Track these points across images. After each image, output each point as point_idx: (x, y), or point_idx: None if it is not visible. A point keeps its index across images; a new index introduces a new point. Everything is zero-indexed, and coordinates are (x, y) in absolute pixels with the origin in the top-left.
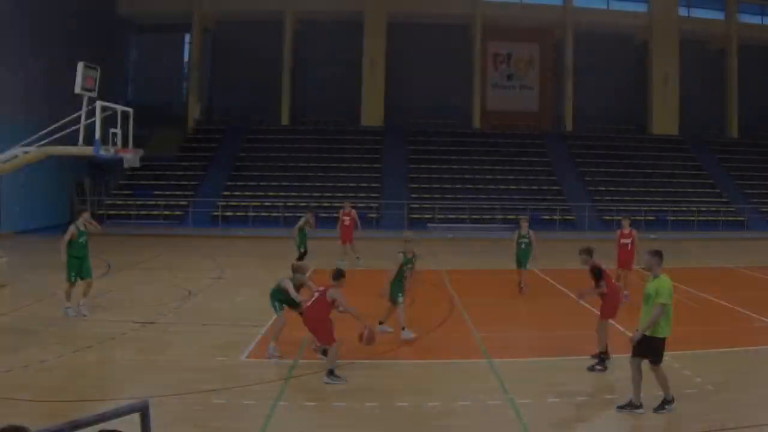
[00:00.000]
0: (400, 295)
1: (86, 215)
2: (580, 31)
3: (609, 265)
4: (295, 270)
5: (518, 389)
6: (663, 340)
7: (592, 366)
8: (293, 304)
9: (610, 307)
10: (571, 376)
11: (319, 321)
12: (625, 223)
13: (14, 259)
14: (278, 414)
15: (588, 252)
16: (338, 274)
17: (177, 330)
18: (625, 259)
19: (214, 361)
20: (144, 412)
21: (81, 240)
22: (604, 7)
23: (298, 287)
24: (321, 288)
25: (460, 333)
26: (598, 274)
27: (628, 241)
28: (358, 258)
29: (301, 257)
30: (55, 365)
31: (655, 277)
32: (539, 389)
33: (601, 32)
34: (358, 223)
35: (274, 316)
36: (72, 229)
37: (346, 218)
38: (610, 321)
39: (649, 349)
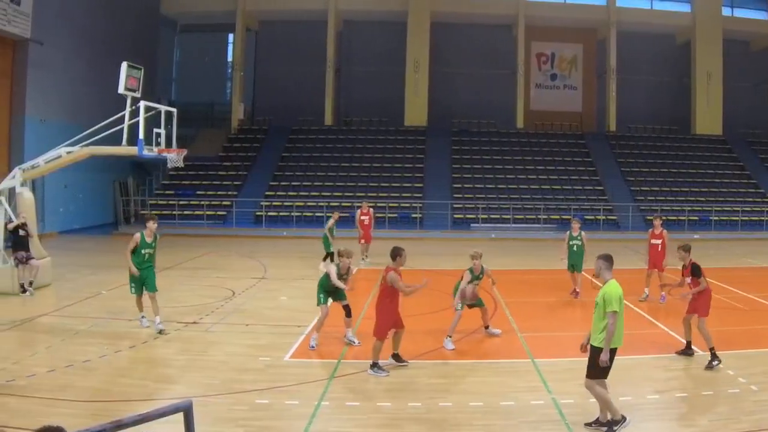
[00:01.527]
0: (460, 303)
1: (152, 225)
2: (623, 30)
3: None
4: (342, 255)
5: (561, 389)
6: (614, 350)
7: (710, 363)
8: (337, 296)
9: (706, 304)
10: (614, 376)
11: (379, 311)
12: (657, 223)
13: (57, 259)
14: (321, 414)
15: (686, 249)
16: (395, 253)
17: (220, 330)
18: (655, 260)
19: (258, 361)
20: (187, 411)
21: (144, 251)
22: (647, 6)
23: (343, 271)
24: (384, 275)
25: (504, 332)
26: (697, 271)
27: (659, 242)
28: (363, 259)
29: (329, 258)
30: (98, 365)
31: (605, 282)
32: (582, 389)
33: (644, 32)
34: (372, 223)
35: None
36: (136, 237)
37: (365, 218)
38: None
39: (592, 359)
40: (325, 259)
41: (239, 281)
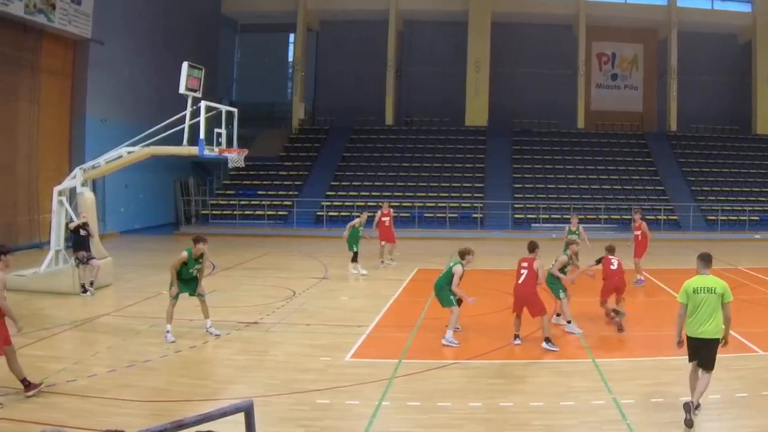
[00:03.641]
0: (561, 291)
1: (202, 246)
2: (683, 30)
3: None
4: (463, 253)
5: (622, 389)
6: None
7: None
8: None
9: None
10: (675, 376)
11: (532, 294)
12: (636, 216)
13: (118, 259)
14: (382, 414)
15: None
16: (533, 246)
17: (281, 330)
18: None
19: (318, 361)
20: (248, 411)
21: (191, 269)
22: (708, 6)
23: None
24: (525, 264)
25: (564, 332)
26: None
27: (638, 233)
28: (382, 262)
29: (354, 258)
30: (158, 365)
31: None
32: (643, 389)
33: (705, 32)
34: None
35: (451, 308)
36: (184, 256)
37: (386, 219)
38: None
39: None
40: (353, 260)
41: (300, 281)
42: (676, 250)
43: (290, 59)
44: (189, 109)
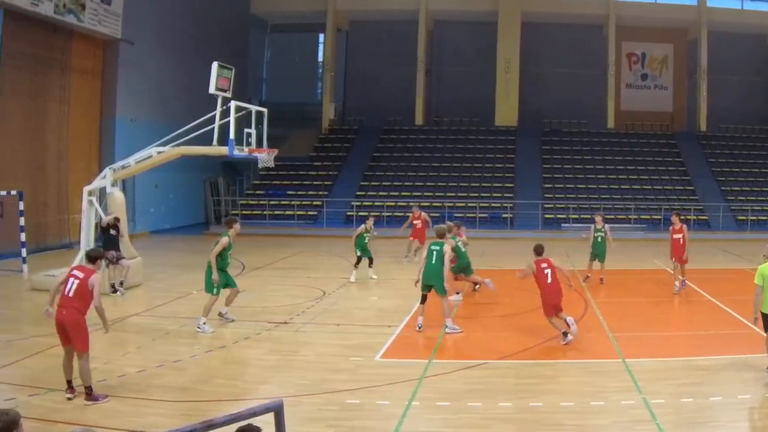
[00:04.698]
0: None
1: (238, 226)
2: (713, 30)
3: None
4: (444, 232)
5: (652, 389)
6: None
7: None
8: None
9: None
10: (705, 376)
11: (560, 290)
12: (675, 219)
13: (148, 259)
14: (412, 414)
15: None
16: (539, 249)
17: (311, 330)
18: (678, 253)
19: (348, 361)
20: (278, 411)
21: (229, 254)
22: (738, 6)
23: None
24: (544, 264)
25: (594, 333)
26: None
27: (680, 236)
28: (406, 256)
29: (358, 262)
30: (188, 365)
31: None
32: (673, 389)
33: (735, 32)
34: (430, 224)
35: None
36: (224, 240)
37: (417, 222)
38: None
39: None
40: (370, 265)
41: (330, 281)
42: (706, 250)
43: (320, 59)
44: (219, 109)
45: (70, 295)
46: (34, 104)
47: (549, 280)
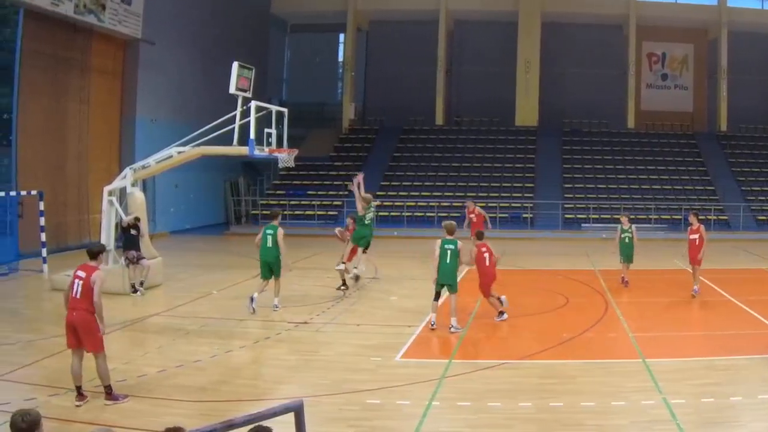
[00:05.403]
0: None
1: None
2: (734, 30)
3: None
4: (453, 229)
5: (672, 389)
6: None
7: None
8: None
9: None
10: (725, 376)
11: (494, 273)
12: (693, 219)
13: (168, 259)
14: (432, 414)
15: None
16: (480, 235)
17: (331, 330)
18: (693, 255)
19: (368, 361)
20: (298, 411)
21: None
22: (759, 6)
23: None
24: (484, 248)
25: (615, 333)
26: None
27: (696, 236)
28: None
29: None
30: (208, 365)
31: None
32: (693, 389)
33: (756, 32)
34: (488, 221)
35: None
36: (282, 230)
37: (472, 216)
38: None
39: None
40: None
41: (350, 281)
42: (727, 250)
43: (340, 59)
44: (239, 109)
45: (77, 296)
46: (54, 104)
47: (487, 263)
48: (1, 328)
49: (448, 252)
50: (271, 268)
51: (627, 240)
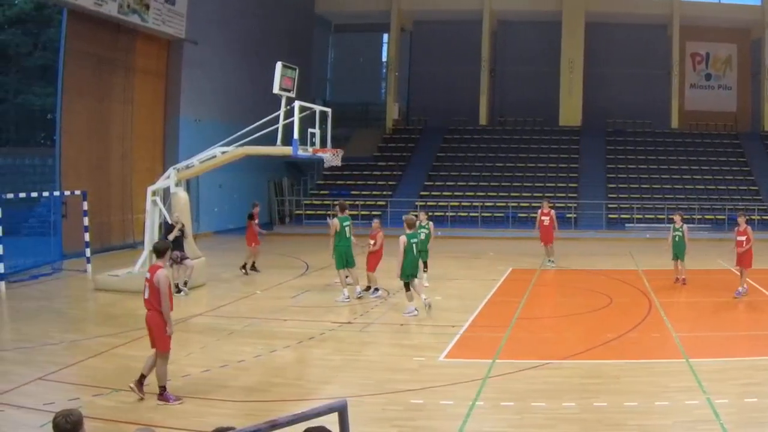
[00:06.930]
0: None
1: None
2: None
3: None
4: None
5: (716, 389)
6: None
7: None
8: None
9: None
10: (742, 376)
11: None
12: (741, 220)
13: (212, 259)
14: (476, 414)
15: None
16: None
17: (374, 330)
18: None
19: (412, 361)
20: (342, 411)
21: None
22: None
23: None
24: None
25: (658, 333)
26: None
27: (743, 238)
28: (550, 261)
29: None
30: (252, 365)
31: None
32: (737, 389)
33: None
34: (556, 224)
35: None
36: (335, 222)
37: (545, 218)
38: None
39: None
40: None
41: (394, 281)
42: None
43: (384, 59)
44: (283, 109)
45: (146, 297)
46: (98, 104)
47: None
48: (45, 328)
49: (414, 246)
50: (347, 259)
51: (677, 238)
